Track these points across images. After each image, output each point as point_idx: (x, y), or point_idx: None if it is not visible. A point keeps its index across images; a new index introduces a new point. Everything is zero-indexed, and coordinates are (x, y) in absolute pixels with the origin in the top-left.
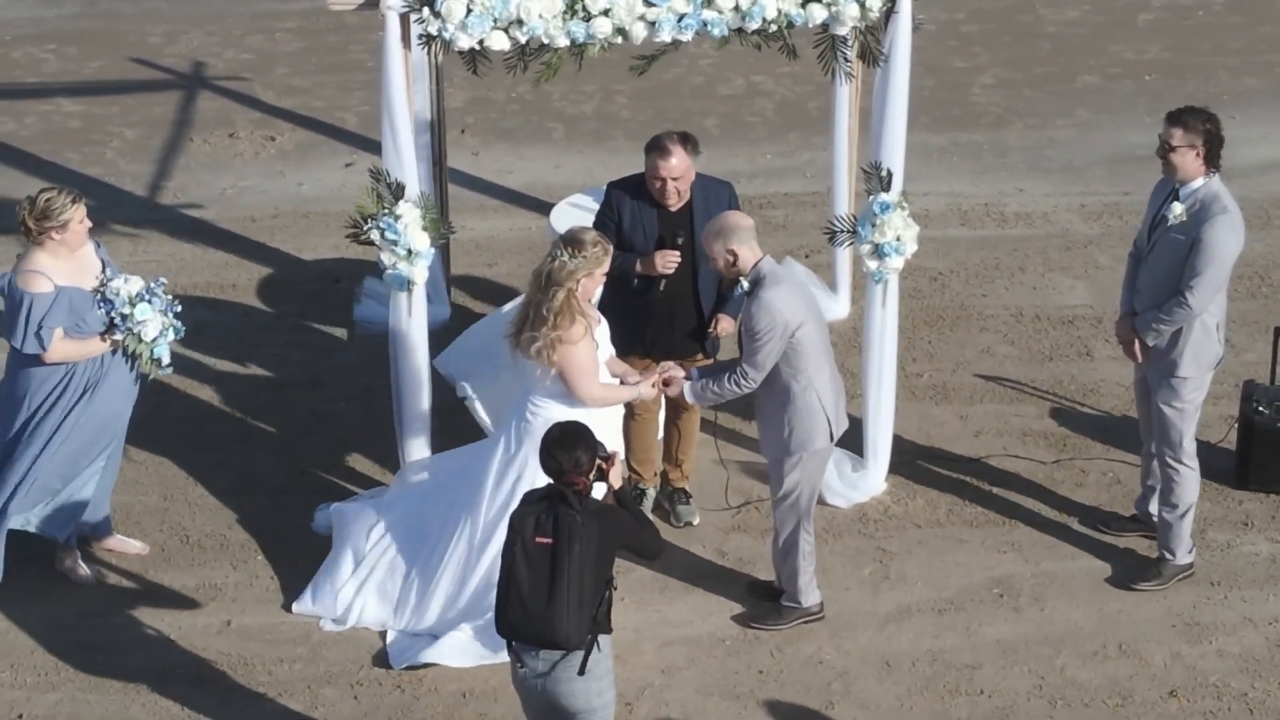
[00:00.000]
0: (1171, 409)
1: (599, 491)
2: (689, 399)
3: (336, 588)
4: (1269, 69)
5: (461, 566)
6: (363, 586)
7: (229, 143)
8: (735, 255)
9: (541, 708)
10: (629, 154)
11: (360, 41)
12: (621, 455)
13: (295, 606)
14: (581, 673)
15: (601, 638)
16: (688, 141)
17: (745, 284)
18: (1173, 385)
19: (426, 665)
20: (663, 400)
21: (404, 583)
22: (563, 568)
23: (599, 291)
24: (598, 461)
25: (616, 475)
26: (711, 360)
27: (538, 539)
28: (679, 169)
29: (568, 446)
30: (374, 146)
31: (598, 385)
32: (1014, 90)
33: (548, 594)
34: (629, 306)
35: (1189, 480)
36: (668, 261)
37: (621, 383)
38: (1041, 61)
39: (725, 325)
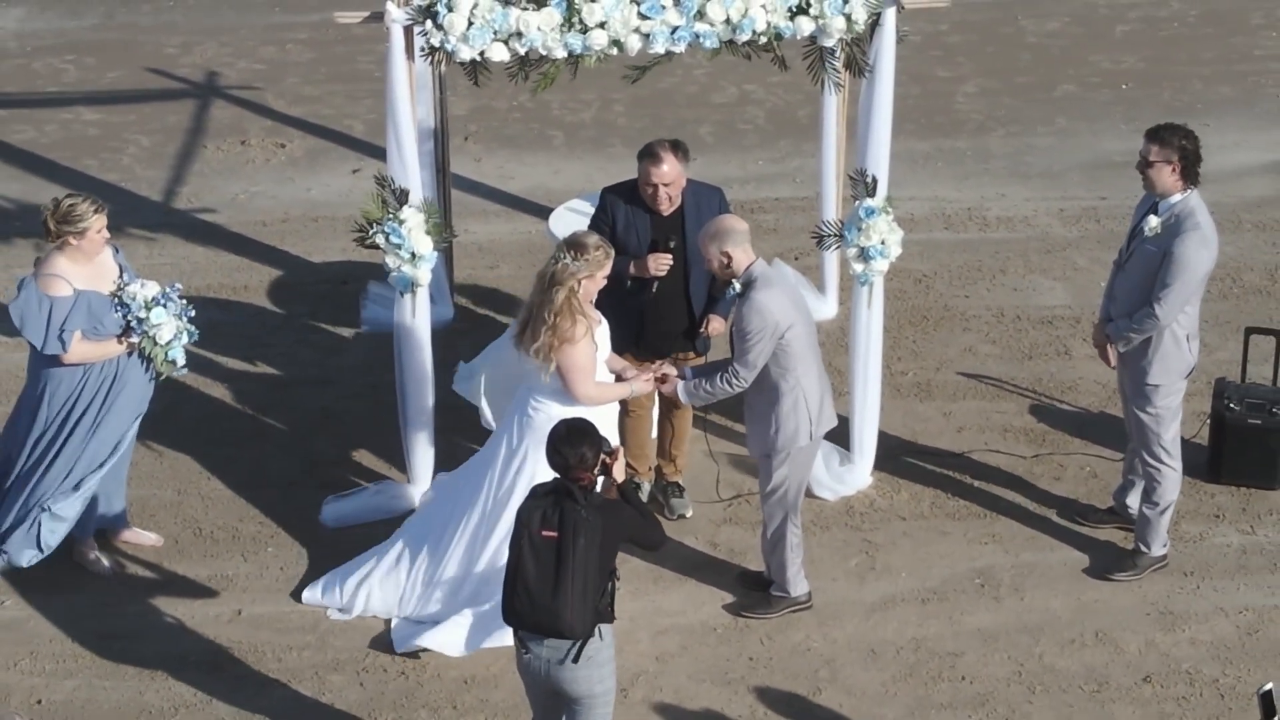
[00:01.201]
0: (1145, 414)
1: (602, 485)
2: (682, 398)
3: (343, 578)
4: (1241, 78)
5: (465, 557)
6: (369, 576)
7: (241, 150)
8: (729, 257)
9: (545, 693)
10: (626, 160)
11: (368, 52)
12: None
13: (305, 596)
14: (578, 659)
15: (603, 627)
16: (679, 149)
17: (738, 286)
18: (1144, 392)
19: (427, 650)
20: (656, 397)
21: (409, 573)
22: (568, 560)
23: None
24: (601, 456)
25: (620, 469)
26: (703, 359)
27: (544, 532)
28: (670, 175)
29: (574, 443)
30: (381, 153)
31: (594, 385)
32: (996, 99)
33: (553, 586)
34: (623, 307)
35: (1170, 479)
36: (660, 264)
37: (619, 378)
38: (1022, 71)
39: (716, 325)
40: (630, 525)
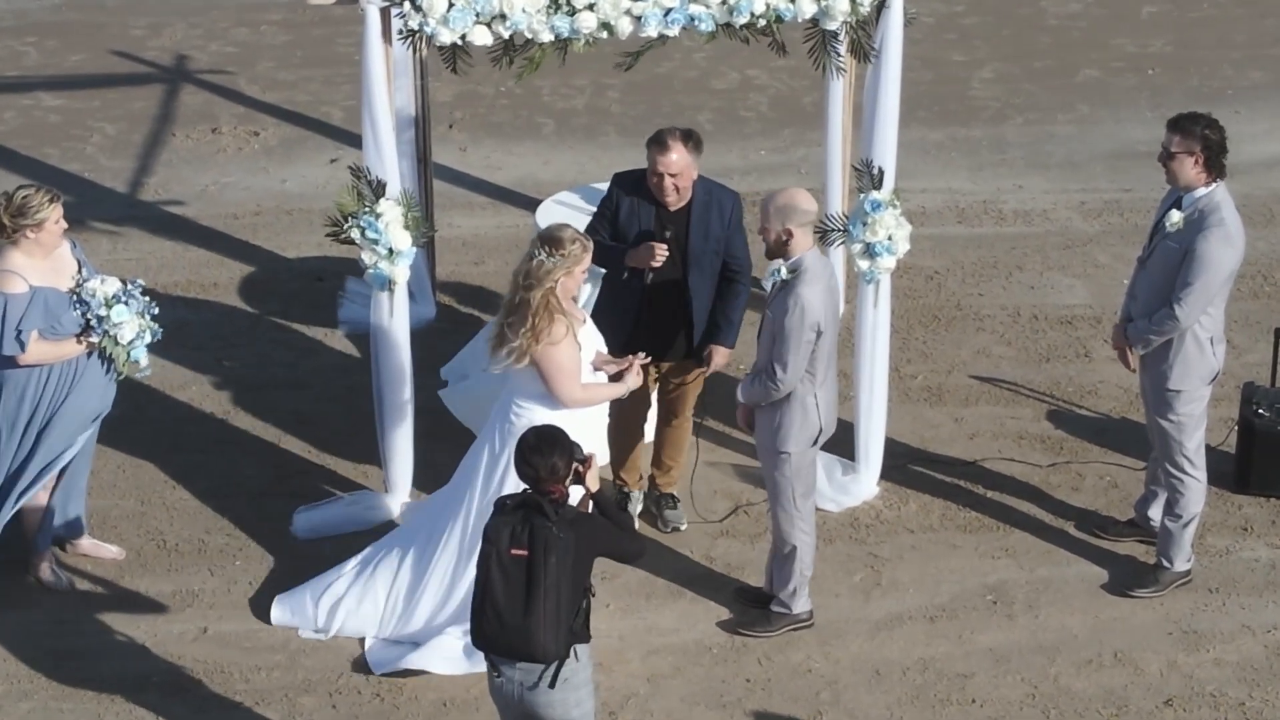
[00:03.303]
0: (1167, 421)
1: (575, 495)
2: (740, 397)
3: (316, 597)
4: (1274, 62)
5: (449, 572)
6: (345, 594)
7: (212, 138)
8: (790, 235)
9: (519, 717)
10: (620, 149)
11: (347, 35)
12: (599, 458)
13: (274, 615)
14: (554, 685)
15: (579, 647)
16: (690, 139)
17: (784, 271)
18: (1165, 399)
19: (408, 672)
20: (652, 400)
21: (388, 590)
22: (539, 580)
23: (589, 290)
24: (574, 465)
25: (593, 478)
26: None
27: (513, 551)
28: (678, 165)
29: (544, 452)
30: (360, 142)
31: (578, 387)
32: (1013, 85)
33: (524, 607)
34: (618, 306)
35: (1193, 490)
36: (655, 254)
37: (610, 379)
38: (1041, 55)
39: (718, 359)
40: (604, 539)
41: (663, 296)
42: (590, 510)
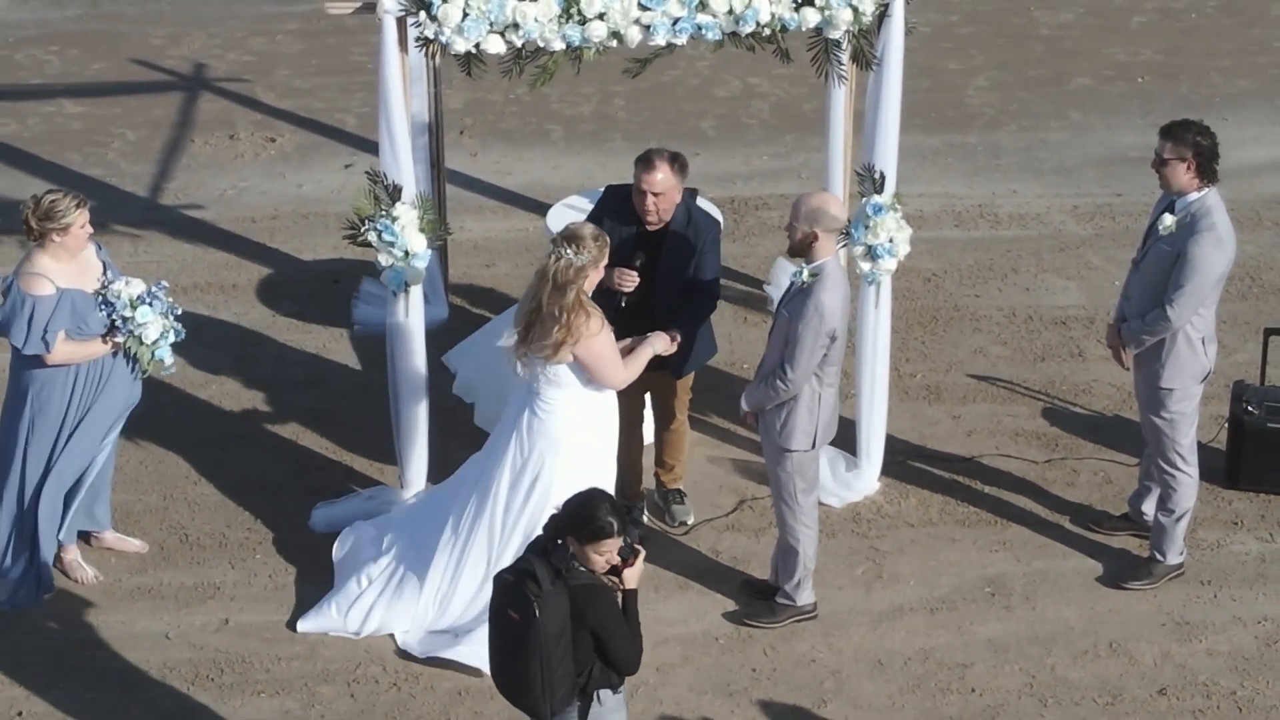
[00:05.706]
0: (1159, 419)
1: (601, 572)
2: (744, 405)
3: (344, 610)
4: (1261, 71)
5: (482, 567)
6: (375, 604)
7: (229, 144)
8: (815, 239)
9: None
10: (626, 155)
11: (361, 44)
12: (609, 474)
13: (301, 626)
14: None
15: (603, 693)
16: (676, 161)
17: (806, 274)
18: (1158, 396)
19: (434, 660)
20: (648, 399)
21: (419, 591)
22: (522, 645)
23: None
24: (619, 548)
25: (633, 575)
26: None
27: (508, 610)
28: (662, 185)
29: (585, 514)
30: (374, 148)
31: (621, 368)
32: (1007, 92)
33: (513, 668)
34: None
35: (1186, 485)
36: (624, 280)
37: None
38: (1035, 64)
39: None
40: (605, 620)
41: (635, 315)
42: (611, 592)
